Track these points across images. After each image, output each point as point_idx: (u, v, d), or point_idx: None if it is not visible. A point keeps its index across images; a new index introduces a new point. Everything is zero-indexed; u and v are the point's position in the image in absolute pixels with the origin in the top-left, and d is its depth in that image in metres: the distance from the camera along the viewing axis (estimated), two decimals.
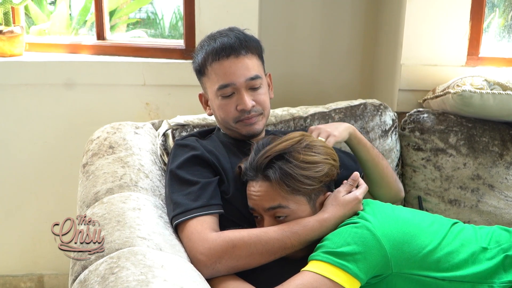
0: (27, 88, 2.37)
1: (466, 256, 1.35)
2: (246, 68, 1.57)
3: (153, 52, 2.42)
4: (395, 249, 1.31)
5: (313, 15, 2.55)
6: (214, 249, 1.33)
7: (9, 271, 2.58)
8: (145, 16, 3.50)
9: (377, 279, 1.32)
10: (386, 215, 1.40)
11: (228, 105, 1.58)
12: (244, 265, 1.35)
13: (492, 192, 1.98)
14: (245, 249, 1.34)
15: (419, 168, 2.04)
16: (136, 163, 1.67)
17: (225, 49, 1.55)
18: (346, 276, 1.27)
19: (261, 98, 1.60)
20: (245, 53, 1.57)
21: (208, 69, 1.59)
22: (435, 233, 1.38)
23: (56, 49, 2.49)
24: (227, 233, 1.37)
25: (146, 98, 2.37)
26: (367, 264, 1.28)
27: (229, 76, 1.55)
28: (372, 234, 1.31)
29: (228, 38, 1.57)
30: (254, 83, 1.58)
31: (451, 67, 2.24)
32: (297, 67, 2.56)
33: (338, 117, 1.97)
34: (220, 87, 1.57)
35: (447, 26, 2.22)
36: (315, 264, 1.30)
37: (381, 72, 2.52)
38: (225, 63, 1.56)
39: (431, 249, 1.33)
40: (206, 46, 1.60)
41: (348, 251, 1.29)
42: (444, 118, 2.05)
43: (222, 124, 1.65)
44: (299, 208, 1.40)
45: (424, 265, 1.32)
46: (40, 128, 2.41)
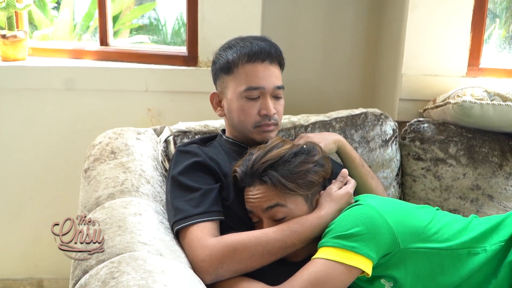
0: (30, 92, 2.37)
1: (458, 228, 1.41)
2: (276, 76, 1.62)
3: (156, 59, 2.43)
4: (399, 226, 1.34)
5: (315, 24, 2.57)
6: (214, 255, 1.34)
7: (9, 275, 2.58)
8: (147, 22, 3.51)
9: (385, 258, 1.34)
10: (381, 200, 1.47)
11: (251, 108, 1.59)
12: (246, 268, 1.36)
13: (492, 203, 1.99)
14: (245, 252, 1.34)
15: (419, 177, 2.05)
16: (138, 168, 1.67)
17: (263, 53, 1.59)
18: (358, 257, 1.29)
19: (280, 109, 1.64)
20: (277, 62, 1.63)
21: (238, 69, 1.60)
22: (425, 213, 1.44)
23: (59, 54, 2.49)
24: (226, 237, 1.38)
25: (148, 104, 2.38)
26: (376, 242, 1.30)
27: (260, 80, 1.58)
28: (378, 213, 1.34)
29: (265, 44, 1.61)
30: (279, 92, 1.63)
31: (452, 78, 2.24)
32: (298, 76, 2.56)
33: (339, 126, 1.98)
34: (248, 88, 1.58)
35: (448, 37, 2.23)
36: (325, 250, 1.32)
37: (382, 81, 2.53)
38: (259, 67, 1.59)
39: (427, 223, 1.38)
40: (240, 46, 1.61)
41: (357, 231, 1.31)
42: (444, 128, 2.06)
43: (237, 127, 1.65)
44: (297, 208, 1.42)
45: (426, 237, 1.36)
46: (42, 133, 2.42)
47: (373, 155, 1.99)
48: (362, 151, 1.97)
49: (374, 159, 1.99)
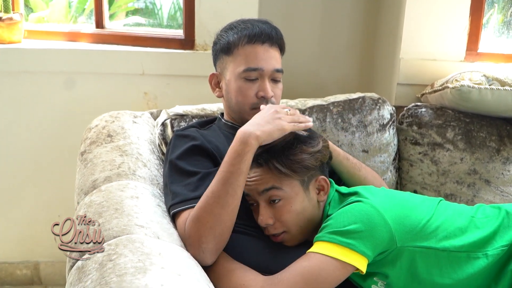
0: (26, 75, 2.36)
1: (459, 224, 1.38)
2: (276, 59, 1.62)
3: (152, 42, 2.42)
4: (397, 223, 1.33)
5: (312, 7, 2.55)
6: (188, 233, 1.34)
7: (5, 258, 2.59)
8: (143, 6, 3.48)
9: (382, 256, 1.33)
10: (381, 194, 1.44)
11: (249, 90, 1.59)
12: (222, 229, 1.33)
13: (488, 187, 1.99)
14: (206, 215, 1.32)
15: (416, 162, 2.05)
16: (134, 152, 1.67)
17: (263, 35, 1.60)
18: (353, 254, 1.28)
19: (278, 93, 1.64)
20: (276, 46, 1.64)
21: (238, 49, 1.60)
22: (426, 207, 1.41)
23: (54, 37, 2.48)
24: (192, 212, 1.37)
25: (145, 88, 2.37)
26: (373, 240, 1.30)
27: (260, 61, 1.59)
28: (376, 211, 1.32)
29: (266, 27, 1.62)
30: (278, 75, 1.63)
31: (450, 62, 2.24)
32: (296, 60, 2.55)
33: (337, 110, 1.97)
34: (247, 69, 1.58)
35: (447, 21, 2.23)
36: (320, 245, 1.31)
37: (380, 66, 2.52)
38: (259, 48, 1.59)
39: (427, 220, 1.36)
40: (241, 28, 1.62)
41: (354, 229, 1.30)
42: (442, 112, 2.06)
43: (234, 108, 1.65)
44: (292, 191, 1.41)
45: (424, 236, 1.34)
46: (38, 116, 2.41)
47: (370, 140, 1.98)
48: (359, 135, 1.97)
49: (372, 143, 1.98)
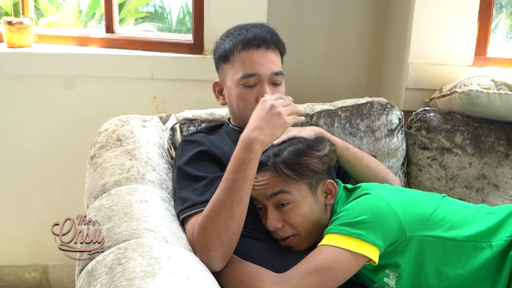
0: (36, 79, 2.38)
1: (464, 216, 1.41)
2: (273, 62, 1.60)
3: (161, 46, 2.42)
4: (405, 214, 1.34)
5: (321, 12, 2.55)
6: (196, 240, 1.34)
7: (14, 262, 2.60)
8: (152, 10, 3.50)
9: (392, 247, 1.34)
10: (386, 188, 1.47)
11: (249, 96, 1.59)
12: (229, 237, 1.33)
13: (497, 192, 1.99)
14: (214, 224, 1.32)
15: (425, 167, 2.05)
16: (144, 156, 1.68)
17: (257, 40, 1.58)
18: (365, 244, 1.29)
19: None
20: (273, 48, 1.62)
21: (234, 57, 1.60)
22: (431, 200, 1.44)
23: (65, 41, 2.49)
24: (198, 219, 1.37)
25: (154, 92, 2.38)
26: (383, 231, 1.31)
27: (256, 67, 1.58)
28: (385, 201, 1.34)
29: (261, 30, 1.61)
30: (277, 78, 1.61)
31: (459, 67, 2.24)
32: (304, 64, 2.56)
33: (345, 115, 1.97)
34: (244, 76, 1.58)
35: (455, 26, 2.22)
36: (331, 237, 1.32)
37: (389, 70, 2.52)
38: (254, 53, 1.58)
39: (433, 211, 1.38)
40: (236, 34, 1.62)
41: (364, 219, 1.31)
42: (450, 117, 2.05)
43: (237, 115, 1.65)
44: (300, 194, 1.41)
45: (432, 225, 1.36)
46: (48, 120, 2.42)
47: (378, 145, 1.98)
48: (367, 140, 1.97)
49: (380, 148, 1.98)
